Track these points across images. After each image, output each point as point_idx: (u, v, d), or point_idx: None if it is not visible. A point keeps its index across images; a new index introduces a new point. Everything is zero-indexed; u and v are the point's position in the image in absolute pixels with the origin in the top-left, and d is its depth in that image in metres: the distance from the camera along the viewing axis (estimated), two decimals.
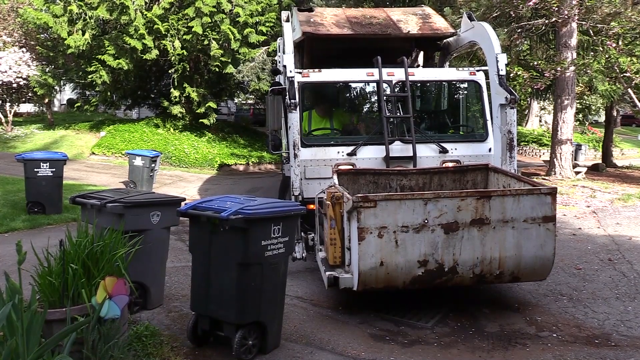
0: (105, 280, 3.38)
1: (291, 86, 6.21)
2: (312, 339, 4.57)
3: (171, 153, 20.93)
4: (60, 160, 9.68)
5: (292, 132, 6.10)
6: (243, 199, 4.22)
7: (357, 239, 4.54)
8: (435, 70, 8.20)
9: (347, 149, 6.71)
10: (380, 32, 7.77)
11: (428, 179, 6.29)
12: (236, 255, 3.91)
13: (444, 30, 8.15)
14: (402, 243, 4.60)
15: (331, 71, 7.04)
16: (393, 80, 6.98)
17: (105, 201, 4.68)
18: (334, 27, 7.68)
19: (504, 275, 4.90)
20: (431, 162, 6.81)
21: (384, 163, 6.63)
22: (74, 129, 24.52)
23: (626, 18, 13.26)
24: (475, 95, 7.42)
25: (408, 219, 4.59)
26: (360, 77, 7.13)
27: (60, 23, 20.46)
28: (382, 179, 6.20)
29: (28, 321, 2.95)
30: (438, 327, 4.88)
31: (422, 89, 8.07)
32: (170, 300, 5.39)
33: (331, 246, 5.19)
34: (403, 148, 6.72)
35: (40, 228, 8.77)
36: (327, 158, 6.69)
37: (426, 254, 4.66)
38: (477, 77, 7.30)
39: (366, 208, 4.51)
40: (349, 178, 6.03)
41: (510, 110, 6.40)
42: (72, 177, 14.57)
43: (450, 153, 6.87)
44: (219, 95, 24.47)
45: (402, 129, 6.88)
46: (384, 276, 4.65)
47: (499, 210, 4.73)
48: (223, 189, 15.03)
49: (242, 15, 20.24)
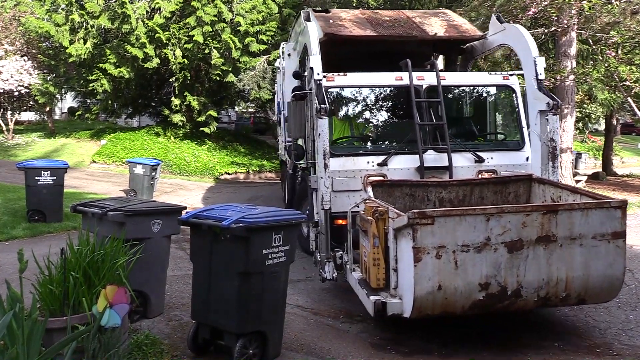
0: (106, 289, 3.38)
1: (319, 90, 5.77)
2: (313, 348, 4.56)
3: (172, 161, 20.94)
4: (61, 168, 9.68)
5: (322, 140, 5.62)
6: (244, 207, 4.23)
7: (413, 260, 4.07)
8: (467, 74, 7.83)
9: (377, 158, 6.31)
10: (405, 34, 7.37)
11: (468, 191, 5.84)
12: (237, 264, 3.90)
13: (471, 32, 7.80)
14: (462, 264, 4.15)
15: (357, 75, 6.66)
16: (423, 84, 6.63)
17: (107, 210, 4.68)
18: (356, 28, 7.26)
19: (570, 297, 4.47)
20: (466, 172, 6.43)
21: (417, 174, 6.23)
22: (75, 137, 24.57)
23: (625, 27, 13.31)
24: (509, 101, 7.10)
25: (469, 237, 4.15)
26: (389, 81, 6.74)
27: (62, 32, 20.55)
28: (420, 191, 5.75)
29: (29, 330, 2.95)
30: (439, 336, 4.86)
31: (452, 94, 7.56)
32: (171, 309, 5.38)
33: (374, 267, 4.63)
34: (437, 157, 6.35)
35: (41, 236, 8.76)
36: (357, 169, 6.25)
37: (488, 276, 4.21)
38: (511, 81, 7.01)
39: (423, 225, 4.06)
40: (383, 190, 5.56)
41: (553, 117, 6.01)
42: (73, 185, 14.57)
43: (486, 162, 6.51)
44: (219, 103, 24.52)
45: (434, 136, 6.52)
46: (441, 301, 4.18)
47: (567, 226, 4.32)
48: (223, 197, 15.03)
49: (243, 24, 20.32)
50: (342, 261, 5.58)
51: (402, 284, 4.34)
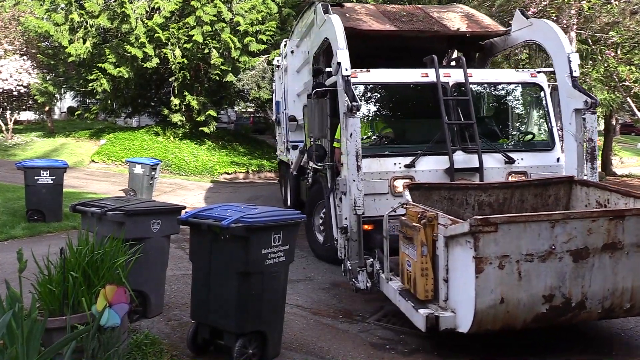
0: (105, 289, 3.37)
1: (348, 86, 5.43)
2: (312, 347, 4.56)
3: (171, 161, 20.94)
4: (61, 168, 9.69)
5: (354, 141, 5.27)
6: (244, 207, 4.23)
7: (474, 271, 3.79)
8: (493, 71, 7.56)
9: (404, 159, 6.02)
10: (427, 29, 7.09)
11: (509, 194, 5.54)
12: (237, 263, 3.90)
13: (493, 28, 7.52)
14: (526, 275, 3.88)
15: (381, 71, 6.37)
16: (450, 82, 6.40)
17: (106, 209, 4.68)
18: (375, 23, 6.91)
19: (634, 308, 4.21)
20: (496, 174, 6.20)
21: (445, 175, 6.00)
22: (74, 136, 24.58)
23: (625, 27, 13.32)
24: (537, 99, 6.86)
25: (533, 245, 3.88)
26: (414, 78, 6.44)
27: (62, 31, 20.56)
28: (459, 194, 5.43)
29: (28, 329, 2.95)
30: (438, 336, 4.85)
31: (478, 92, 7.24)
32: (170, 308, 5.38)
33: (422, 277, 4.34)
34: (466, 158, 6.11)
35: (40, 236, 8.76)
36: (383, 170, 5.95)
37: (552, 287, 3.95)
38: (539, 79, 6.77)
39: (486, 233, 3.76)
40: (420, 194, 5.23)
41: (591, 116, 5.75)
42: (72, 185, 14.57)
43: (516, 164, 6.28)
44: (219, 103, 24.53)
45: (462, 136, 6.29)
46: (503, 315, 3.93)
47: (634, 232, 4.05)
48: (223, 197, 15.03)
49: (242, 24, 20.32)
50: (372, 269, 5.26)
51: (457, 296, 4.08)
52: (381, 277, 5.14)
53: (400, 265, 4.78)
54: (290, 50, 10.27)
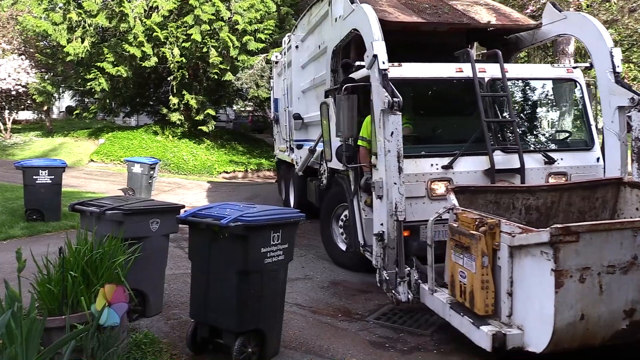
0: (104, 288, 3.38)
1: (386, 81, 5.02)
2: (312, 346, 4.56)
3: (170, 160, 20.94)
4: (59, 167, 9.67)
5: (395, 140, 4.86)
6: (242, 206, 4.22)
7: (554, 285, 3.48)
8: (528, 66, 7.20)
9: (441, 160, 5.62)
10: (456, 21, 6.68)
11: (557, 197, 5.21)
12: (236, 262, 3.90)
13: (523, 21, 7.13)
14: (608, 288, 3.57)
15: (413, 66, 5.94)
16: (486, 77, 6.04)
17: (105, 208, 4.68)
18: (401, 14, 6.42)
19: None
20: (536, 175, 5.85)
21: (484, 177, 5.64)
22: (73, 136, 24.57)
23: (623, 25, 13.35)
24: (575, 96, 6.57)
25: (615, 255, 3.57)
26: (449, 73, 6.05)
27: (60, 31, 20.54)
28: (506, 198, 5.09)
29: (27, 329, 2.95)
30: (437, 334, 4.86)
31: (512, 88, 6.83)
32: (170, 307, 5.38)
33: (482, 290, 4.00)
34: (505, 159, 5.75)
35: (39, 235, 8.75)
36: (419, 172, 5.51)
37: (633, 301, 3.64)
38: (575, 74, 6.47)
39: (567, 243, 3.45)
40: (465, 198, 4.88)
41: (638, 114, 5.45)
42: (71, 184, 14.56)
43: (556, 164, 5.96)
44: (217, 102, 24.53)
45: (500, 135, 5.98)
46: (582, 333, 3.60)
47: None
48: (222, 196, 15.03)
49: (241, 23, 20.30)
50: (410, 279, 4.91)
51: (526, 312, 3.77)
52: (423, 289, 4.81)
53: (451, 276, 4.41)
54: (295, 45, 9.89)
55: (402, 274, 4.88)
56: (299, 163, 9.57)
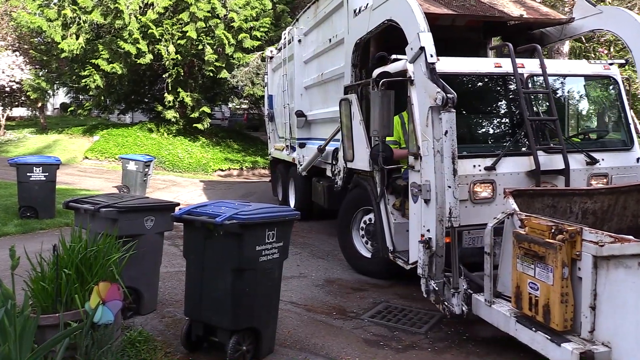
0: (98, 286, 3.37)
1: (435, 76, 4.70)
2: (306, 344, 4.57)
3: (165, 158, 20.90)
4: (53, 164, 9.62)
5: (449, 139, 4.52)
6: (237, 204, 4.22)
7: None
8: (565, 62, 6.94)
9: (483, 161, 5.28)
10: (488, 14, 6.39)
11: (614, 201, 5.00)
12: (230, 260, 3.90)
13: (553, 15, 6.83)
14: None
15: (451, 60, 5.58)
16: (525, 73, 5.76)
17: (99, 206, 4.67)
18: (430, 6, 6.05)
19: None
20: (578, 176, 5.59)
21: (527, 179, 5.35)
22: (67, 133, 24.48)
23: None
24: (612, 94, 6.37)
25: None
26: (488, 68, 5.75)
27: (54, 27, 20.46)
28: (563, 202, 4.83)
29: (21, 327, 2.94)
30: (432, 332, 4.88)
31: (551, 85, 6.42)
32: (164, 305, 5.37)
33: (561, 304, 3.70)
34: (548, 159, 5.45)
35: (33, 233, 8.71)
36: (462, 174, 5.02)
37: None
38: (612, 71, 6.24)
39: None
40: (522, 202, 4.59)
41: None
42: (65, 181, 14.51)
43: (598, 165, 5.72)
44: (213, 100, 24.50)
45: (541, 134, 5.70)
46: None
47: None
48: (217, 193, 15.01)
49: (236, 20, 20.27)
50: (459, 288, 4.60)
51: (618, 328, 3.44)
52: (477, 300, 4.51)
53: (516, 287, 4.11)
54: (298, 39, 9.55)
55: (456, 285, 4.57)
56: (303, 163, 9.22)
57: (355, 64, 6.73)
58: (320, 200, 8.82)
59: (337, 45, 7.59)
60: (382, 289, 6.18)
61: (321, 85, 8.70)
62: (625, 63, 6.46)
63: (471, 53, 6.17)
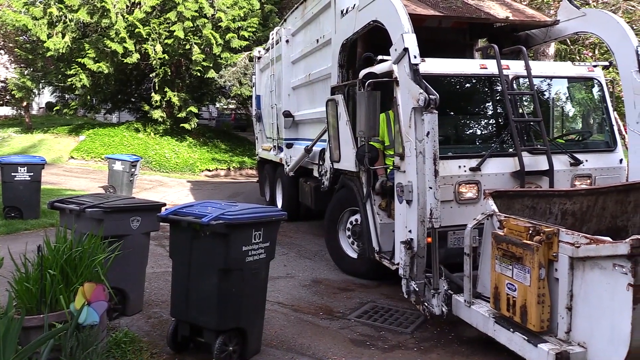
0: (83, 286, 3.35)
1: (418, 77, 4.72)
2: (293, 344, 4.58)
3: (151, 158, 20.79)
4: (38, 164, 9.54)
5: (431, 140, 4.55)
6: (224, 204, 4.22)
7: (631, 301, 3.19)
8: (550, 64, 6.98)
9: (468, 162, 5.34)
10: (474, 16, 6.42)
11: (593, 202, 5.02)
12: (217, 260, 3.90)
13: (539, 17, 6.92)
14: None
15: (436, 61, 5.61)
16: (510, 74, 5.81)
17: (85, 206, 4.64)
18: (417, 7, 6.06)
19: None
20: (562, 176, 5.65)
21: (512, 179, 5.41)
22: (53, 132, 24.24)
23: None
24: (596, 96, 6.42)
25: None
26: (474, 69, 5.81)
27: (40, 25, 20.26)
28: (543, 203, 4.83)
29: (5, 328, 2.92)
30: (418, 332, 4.92)
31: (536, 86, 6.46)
32: (150, 306, 5.35)
33: (538, 305, 3.72)
34: (532, 160, 5.52)
35: (18, 233, 8.63)
36: (447, 175, 5.17)
37: None
38: (596, 73, 6.33)
39: None
40: (502, 202, 4.58)
41: None
42: (51, 181, 14.38)
43: (581, 166, 5.78)
44: (200, 99, 24.40)
45: (526, 135, 5.75)
46: None
47: None
48: (204, 194, 14.96)
49: (224, 20, 20.23)
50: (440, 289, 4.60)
51: (594, 329, 3.47)
52: (457, 300, 4.53)
53: (494, 287, 4.14)
54: (285, 40, 9.54)
55: (437, 286, 4.58)
56: (290, 163, 9.24)
57: (342, 65, 6.75)
58: (307, 201, 8.82)
59: (325, 45, 7.62)
60: (369, 289, 6.21)
61: (308, 85, 8.71)
62: (609, 65, 6.54)
63: (457, 54, 6.22)
